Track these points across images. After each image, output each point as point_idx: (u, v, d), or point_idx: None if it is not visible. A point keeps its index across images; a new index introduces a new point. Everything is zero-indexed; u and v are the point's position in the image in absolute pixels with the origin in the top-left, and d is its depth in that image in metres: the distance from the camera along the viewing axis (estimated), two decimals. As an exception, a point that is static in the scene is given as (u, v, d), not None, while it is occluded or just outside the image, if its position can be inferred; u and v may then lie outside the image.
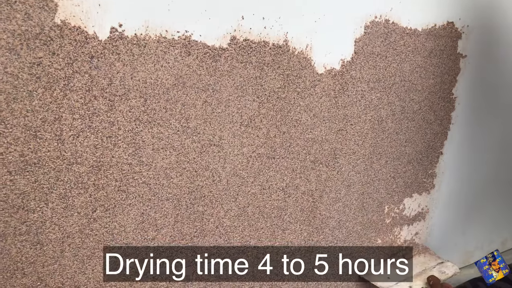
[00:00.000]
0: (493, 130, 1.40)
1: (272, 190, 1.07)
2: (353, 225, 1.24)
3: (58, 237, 0.85)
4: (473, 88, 1.28)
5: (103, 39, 0.78)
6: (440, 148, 1.32)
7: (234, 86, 0.92)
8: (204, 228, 1.01)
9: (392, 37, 1.07)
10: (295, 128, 1.03)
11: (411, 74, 1.14)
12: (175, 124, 0.89)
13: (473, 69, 1.26)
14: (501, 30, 1.26)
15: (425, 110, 1.22)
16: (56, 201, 0.83)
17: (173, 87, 0.86)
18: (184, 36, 0.84)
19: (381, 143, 1.18)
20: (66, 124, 0.79)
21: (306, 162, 1.08)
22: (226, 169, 0.98)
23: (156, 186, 0.92)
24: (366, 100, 1.11)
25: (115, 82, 0.81)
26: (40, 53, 0.73)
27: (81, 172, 0.83)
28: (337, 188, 1.16)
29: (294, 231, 1.14)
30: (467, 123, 1.33)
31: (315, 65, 1.00)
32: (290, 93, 1.00)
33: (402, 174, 1.27)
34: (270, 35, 0.92)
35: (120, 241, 0.92)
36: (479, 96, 1.31)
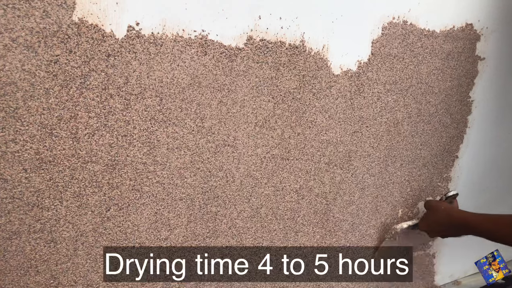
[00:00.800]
0: (510, 133, 1.38)
1: (286, 191, 1.06)
2: (367, 228, 1.23)
3: (72, 235, 0.85)
4: (491, 92, 1.26)
5: (120, 37, 0.77)
6: (456, 151, 1.30)
7: (250, 86, 0.92)
8: (216, 229, 1.00)
9: (409, 39, 1.06)
10: (310, 129, 1.02)
11: (428, 76, 1.13)
12: (190, 124, 0.88)
13: (491, 72, 1.23)
14: (521, 33, 1.24)
15: (441, 113, 1.20)
16: (70, 199, 0.83)
17: (188, 86, 0.85)
18: (201, 36, 0.84)
19: (397, 146, 1.17)
20: (82, 122, 0.79)
21: (320, 164, 1.07)
22: (240, 170, 0.98)
23: (170, 186, 0.91)
24: (382, 102, 1.09)
25: (131, 81, 0.80)
26: (58, 51, 0.73)
27: (96, 170, 0.83)
28: (351, 191, 1.15)
29: (306, 234, 1.13)
30: (483, 127, 1.30)
31: (331, 66, 0.99)
32: (306, 94, 0.99)
33: (417, 177, 1.25)
34: (286, 35, 0.92)
35: (133, 240, 0.91)
36: (497, 100, 1.29)
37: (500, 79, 1.27)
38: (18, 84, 0.72)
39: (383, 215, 1.24)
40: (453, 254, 1.46)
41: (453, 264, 1.49)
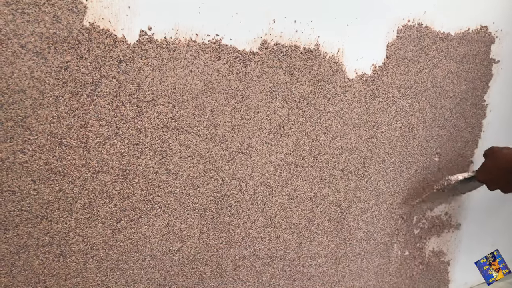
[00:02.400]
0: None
1: (300, 200, 1.03)
2: (381, 236, 1.20)
3: (82, 248, 0.82)
4: (506, 95, 1.24)
5: (132, 42, 0.75)
6: (471, 156, 1.27)
7: (264, 91, 0.89)
8: (230, 240, 0.97)
9: (424, 42, 1.03)
10: (325, 135, 0.99)
11: (443, 80, 1.10)
12: (203, 131, 0.85)
13: (506, 75, 1.21)
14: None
15: (456, 117, 1.18)
16: (80, 211, 0.79)
17: (202, 92, 0.83)
18: (214, 40, 0.81)
19: (411, 152, 1.14)
20: (93, 131, 0.76)
21: (335, 171, 1.04)
22: (254, 178, 0.95)
23: (183, 196, 0.88)
24: (397, 106, 1.07)
25: (143, 87, 0.78)
26: (68, 57, 0.70)
27: (107, 181, 0.80)
28: (366, 198, 1.12)
29: (321, 243, 1.10)
30: (498, 131, 1.28)
31: (346, 70, 0.97)
32: (320, 99, 0.96)
33: (432, 183, 1.22)
34: (301, 39, 0.89)
35: (144, 252, 0.88)
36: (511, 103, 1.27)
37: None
38: (27, 91, 0.69)
39: (397, 222, 1.21)
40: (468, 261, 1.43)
41: (467, 272, 1.45)
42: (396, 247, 1.24)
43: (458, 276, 1.44)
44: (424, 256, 1.33)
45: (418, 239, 1.28)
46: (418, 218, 1.25)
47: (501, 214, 1.42)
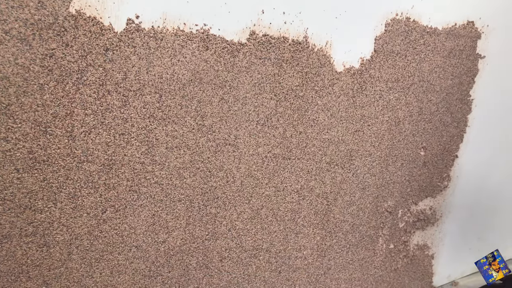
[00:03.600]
0: (510, 133, 1.37)
1: (287, 192, 1.03)
2: (367, 229, 1.21)
3: (66, 238, 0.81)
4: (491, 90, 1.25)
5: (119, 31, 0.74)
6: (456, 151, 1.29)
7: (252, 83, 0.88)
8: (216, 231, 0.97)
9: (412, 36, 1.04)
10: (312, 128, 1.00)
11: (430, 74, 1.11)
12: (190, 122, 0.85)
13: (491, 70, 1.22)
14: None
15: (442, 112, 1.19)
16: (64, 201, 0.79)
17: (189, 83, 0.82)
18: (203, 30, 0.80)
19: (398, 145, 1.15)
20: (78, 120, 0.75)
21: (321, 164, 1.05)
22: (241, 170, 0.95)
23: (169, 187, 0.88)
24: (384, 100, 1.07)
25: (130, 76, 0.77)
26: (53, 44, 0.69)
27: (92, 170, 0.79)
28: (352, 191, 1.13)
29: (307, 235, 1.11)
30: (483, 126, 1.29)
31: (334, 63, 0.97)
32: (308, 92, 0.96)
33: (417, 177, 1.24)
34: (290, 30, 0.89)
35: (129, 243, 0.88)
36: (497, 99, 1.28)
37: (500, 77, 1.26)
38: (10, 79, 0.67)
39: (383, 216, 1.22)
40: (451, 255, 1.45)
41: (451, 265, 1.47)
42: (381, 240, 1.26)
43: (442, 269, 1.46)
44: (409, 250, 1.35)
45: (403, 233, 1.30)
46: (403, 212, 1.26)
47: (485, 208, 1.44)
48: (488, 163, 1.38)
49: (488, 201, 1.43)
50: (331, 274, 1.21)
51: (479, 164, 1.35)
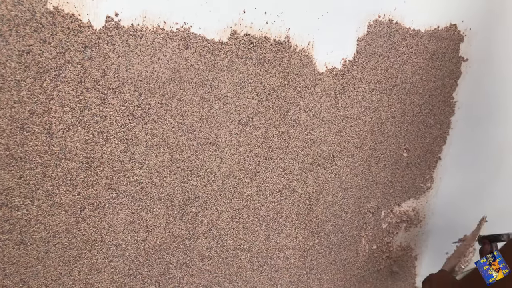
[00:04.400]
0: (492, 135, 1.39)
1: (269, 192, 1.03)
2: (349, 229, 1.21)
3: (43, 236, 0.81)
4: (474, 93, 1.26)
5: (98, 28, 0.73)
6: (439, 153, 1.30)
7: (233, 82, 0.89)
8: (197, 230, 0.97)
9: (395, 37, 1.05)
10: (294, 128, 1.00)
11: (412, 76, 1.12)
12: (170, 121, 0.85)
13: (474, 73, 1.23)
14: (504, 35, 1.24)
15: (425, 114, 1.19)
16: (42, 199, 0.78)
17: (169, 81, 0.82)
18: (183, 28, 0.80)
19: (380, 146, 1.16)
20: (56, 117, 0.75)
21: (304, 164, 1.05)
22: (222, 169, 0.95)
23: (148, 185, 0.88)
24: (367, 101, 1.08)
25: (109, 74, 0.77)
26: (30, 40, 0.69)
27: (70, 168, 0.79)
28: (334, 191, 1.13)
29: (289, 235, 1.11)
30: (466, 128, 1.30)
31: (316, 64, 0.97)
32: (290, 92, 0.96)
33: (400, 178, 1.24)
34: (271, 30, 0.89)
35: (108, 241, 0.87)
36: (480, 101, 1.29)
37: (483, 80, 1.27)
38: (-14, 74, 0.67)
39: (366, 216, 1.23)
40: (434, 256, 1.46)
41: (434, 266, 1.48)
42: (364, 241, 1.26)
43: (425, 270, 1.47)
44: (392, 251, 1.35)
45: (386, 234, 1.30)
46: (386, 213, 1.27)
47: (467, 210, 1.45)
48: (471, 165, 1.39)
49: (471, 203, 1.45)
50: (314, 274, 1.21)
51: (462, 166, 1.37)
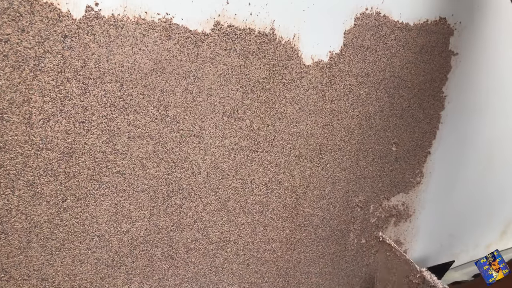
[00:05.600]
0: (482, 130, 1.38)
1: (254, 184, 1.03)
2: (337, 223, 1.21)
3: (25, 226, 0.81)
4: (464, 87, 1.25)
5: (78, 18, 0.73)
6: (428, 147, 1.29)
7: (217, 74, 0.88)
8: (181, 222, 0.97)
9: (383, 31, 1.04)
10: (280, 121, 1.00)
11: (401, 70, 1.11)
12: (153, 112, 0.85)
13: (464, 67, 1.23)
14: (494, 29, 1.23)
15: (414, 108, 1.19)
16: (23, 189, 0.78)
17: (151, 72, 0.82)
18: (165, 19, 0.80)
19: (368, 140, 1.15)
20: (36, 107, 0.74)
21: (290, 157, 1.05)
22: (207, 161, 0.94)
23: (131, 177, 0.87)
24: (354, 95, 1.07)
25: (90, 64, 0.76)
26: (8, 29, 0.68)
27: (51, 158, 0.79)
28: (322, 185, 1.13)
29: (276, 228, 1.11)
30: (456, 123, 1.30)
31: (302, 56, 0.97)
32: (276, 84, 0.96)
33: (389, 172, 1.24)
34: (256, 22, 0.89)
35: (91, 232, 0.87)
36: (469, 95, 1.29)
37: (473, 75, 1.26)
38: (-37, 63, 0.67)
39: (354, 210, 1.23)
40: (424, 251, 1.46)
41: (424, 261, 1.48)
42: (352, 235, 1.26)
43: (415, 265, 1.47)
44: (381, 245, 1.35)
45: (375, 228, 1.30)
46: (375, 207, 1.27)
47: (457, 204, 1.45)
48: (461, 159, 1.39)
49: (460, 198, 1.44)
50: (301, 268, 1.21)
51: (452, 161, 1.36)
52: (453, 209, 1.43)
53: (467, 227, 1.51)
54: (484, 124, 1.37)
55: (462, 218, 1.38)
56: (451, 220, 1.45)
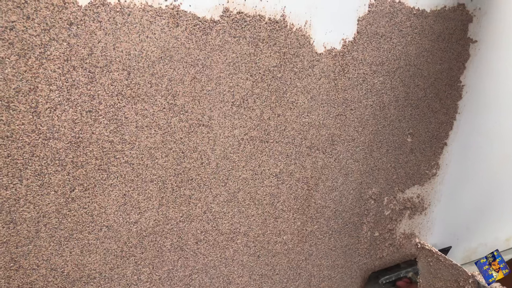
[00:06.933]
0: (501, 121, 1.34)
1: (265, 175, 1.01)
2: (350, 216, 1.19)
3: (33, 216, 0.80)
4: (483, 76, 1.21)
5: (84, 4, 0.72)
6: (445, 138, 1.25)
7: (226, 62, 0.86)
8: (191, 213, 0.96)
9: (398, 17, 1.01)
10: (291, 110, 0.97)
11: (417, 58, 1.08)
12: (161, 101, 0.83)
13: (483, 55, 1.19)
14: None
15: (430, 98, 1.15)
16: (31, 178, 0.78)
17: (159, 60, 0.80)
18: (172, 6, 0.78)
19: (382, 131, 1.12)
20: (42, 95, 0.74)
21: (301, 148, 1.03)
22: (216, 152, 0.93)
23: (140, 167, 0.86)
24: (368, 84, 1.04)
25: (96, 52, 0.75)
26: (13, 16, 0.67)
27: (59, 148, 0.78)
28: (334, 177, 1.11)
29: (287, 220, 1.09)
30: (474, 113, 1.26)
31: (314, 44, 0.94)
32: (287, 73, 0.93)
33: (404, 164, 1.21)
34: (266, 8, 0.86)
35: (100, 223, 0.87)
36: (488, 85, 1.24)
37: (492, 63, 1.22)
38: (-32, 51, 0.66)
39: (367, 203, 1.20)
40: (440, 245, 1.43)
41: (439, 254, 1.45)
42: (365, 228, 1.24)
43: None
44: (395, 238, 1.33)
45: (388, 221, 1.28)
46: (389, 200, 1.24)
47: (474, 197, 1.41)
48: (479, 151, 1.35)
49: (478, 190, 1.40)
50: (313, 260, 1.19)
51: (469, 152, 1.32)
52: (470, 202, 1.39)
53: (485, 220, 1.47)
54: (503, 114, 1.33)
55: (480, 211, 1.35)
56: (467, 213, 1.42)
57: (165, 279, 0.99)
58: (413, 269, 1.27)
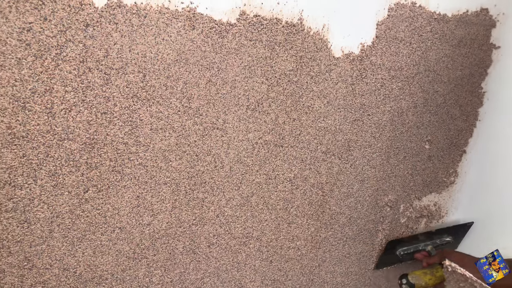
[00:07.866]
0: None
1: (279, 180, 1.00)
2: (365, 222, 1.17)
3: (47, 216, 0.81)
4: (505, 83, 1.18)
5: (100, 6, 0.72)
6: (464, 146, 1.23)
7: (242, 65, 0.86)
8: (203, 216, 0.95)
9: (418, 22, 0.99)
10: (307, 115, 0.96)
11: (436, 63, 1.05)
12: (175, 104, 0.83)
13: (507, 62, 1.15)
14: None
15: (450, 104, 1.13)
16: (45, 178, 0.78)
17: (174, 63, 0.80)
18: (189, 8, 0.78)
19: (400, 137, 1.10)
20: (58, 96, 0.74)
21: (317, 153, 1.01)
22: (230, 155, 0.92)
23: (154, 169, 0.86)
24: (386, 89, 1.02)
25: (112, 54, 0.75)
26: (31, 17, 0.68)
27: (73, 149, 0.78)
28: (350, 183, 1.09)
29: (300, 226, 1.08)
30: (495, 121, 1.23)
31: (332, 48, 0.93)
32: (303, 77, 0.92)
33: (421, 171, 1.19)
34: (283, 12, 0.85)
35: (113, 224, 0.87)
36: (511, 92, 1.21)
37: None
38: (-14, 52, 0.67)
39: (383, 210, 1.18)
40: (456, 253, 1.40)
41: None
42: (380, 235, 1.21)
43: (447, 268, 1.41)
44: (411, 246, 1.30)
45: (404, 228, 1.25)
46: (405, 207, 1.22)
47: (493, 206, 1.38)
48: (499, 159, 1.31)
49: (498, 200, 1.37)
50: (326, 267, 1.18)
51: (489, 161, 1.29)
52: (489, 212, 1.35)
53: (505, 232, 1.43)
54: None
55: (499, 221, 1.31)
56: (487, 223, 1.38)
57: (177, 282, 0.98)
58: (432, 242, 1.24)
